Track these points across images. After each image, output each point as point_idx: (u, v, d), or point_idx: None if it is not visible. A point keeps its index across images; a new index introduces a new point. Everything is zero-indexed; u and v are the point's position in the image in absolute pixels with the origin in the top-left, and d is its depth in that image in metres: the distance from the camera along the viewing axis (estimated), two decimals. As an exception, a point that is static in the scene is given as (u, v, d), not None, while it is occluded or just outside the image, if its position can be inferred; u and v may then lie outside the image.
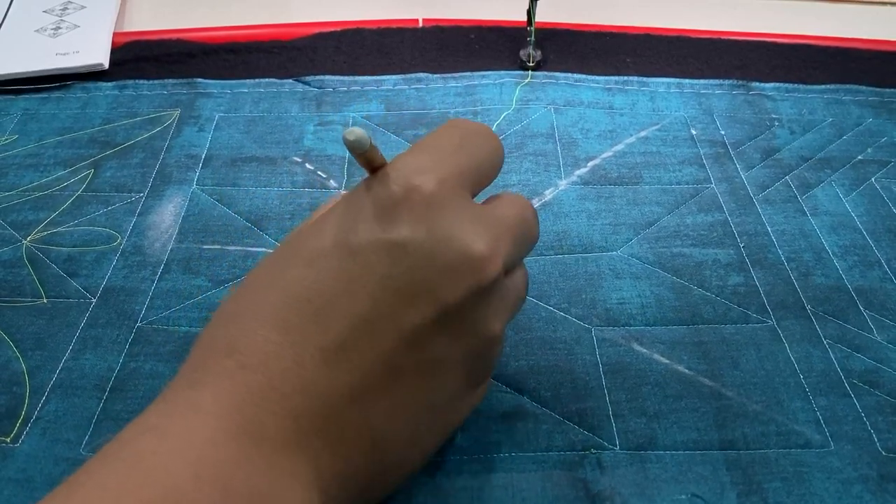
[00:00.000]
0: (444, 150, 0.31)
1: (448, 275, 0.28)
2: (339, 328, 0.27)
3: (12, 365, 0.40)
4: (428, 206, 0.28)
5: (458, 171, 0.30)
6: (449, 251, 0.28)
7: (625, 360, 0.40)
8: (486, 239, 0.29)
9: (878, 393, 0.39)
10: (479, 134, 0.32)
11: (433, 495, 0.34)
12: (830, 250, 0.46)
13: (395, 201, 0.28)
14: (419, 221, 0.28)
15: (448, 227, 0.28)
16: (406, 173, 0.29)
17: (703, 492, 0.35)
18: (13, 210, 0.49)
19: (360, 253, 0.28)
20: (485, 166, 0.32)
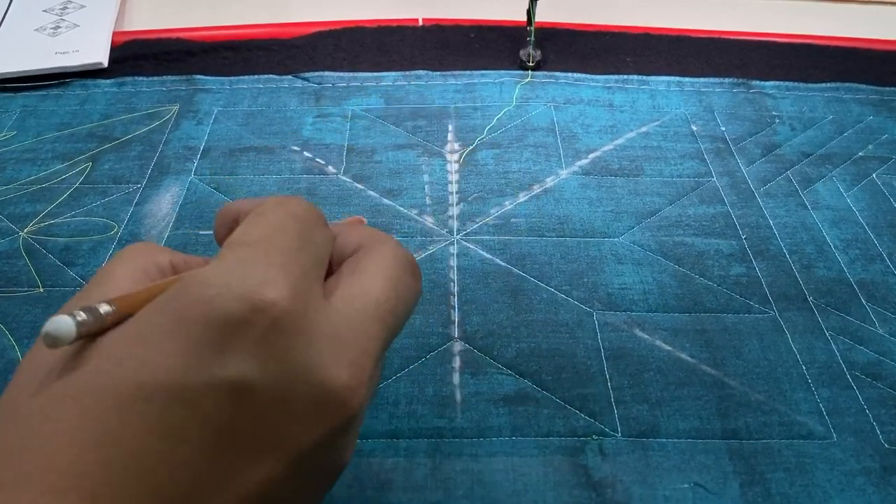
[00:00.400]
0: (285, 249, 0.23)
1: (304, 419, 0.22)
2: (164, 498, 0.20)
3: (8, 354, 0.39)
4: (281, 329, 0.21)
5: (307, 275, 0.23)
6: (307, 389, 0.22)
7: (627, 345, 0.40)
8: (348, 364, 0.22)
9: (880, 385, 0.39)
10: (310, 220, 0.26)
11: (433, 477, 0.34)
12: (832, 243, 0.46)
13: (240, 324, 0.21)
14: (270, 353, 0.21)
15: (304, 355, 0.22)
16: (250, 285, 0.21)
17: (705, 481, 0.34)
18: (10, 203, 0.48)
19: (194, 399, 0.20)
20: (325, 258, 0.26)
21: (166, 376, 0.20)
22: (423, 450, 0.35)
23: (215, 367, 0.21)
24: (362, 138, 0.53)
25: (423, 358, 0.39)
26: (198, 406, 0.21)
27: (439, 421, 0.36)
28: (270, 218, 0.25)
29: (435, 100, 0.58)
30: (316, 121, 0.55)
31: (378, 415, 0.37)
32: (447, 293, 0.42)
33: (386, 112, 0.56)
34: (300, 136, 0.54)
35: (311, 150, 0.52)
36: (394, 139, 0.53)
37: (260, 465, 0.22)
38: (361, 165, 0.51)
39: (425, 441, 0.35)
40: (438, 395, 0.37)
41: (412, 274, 0.27)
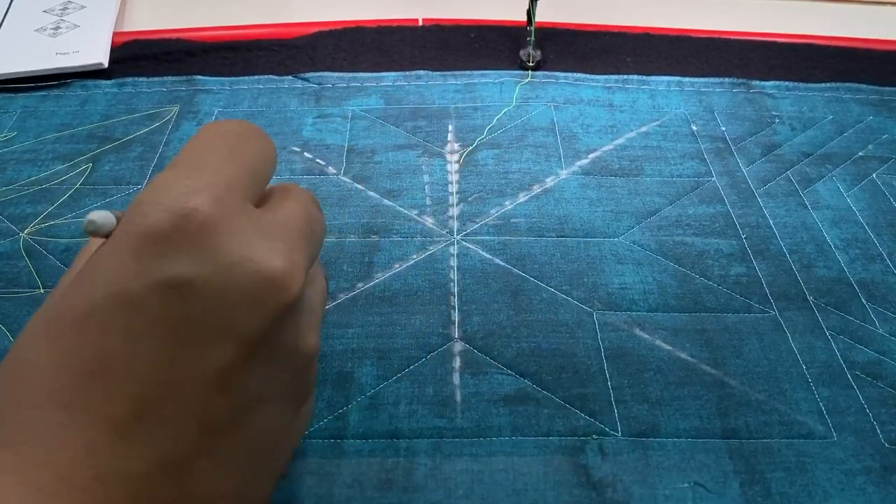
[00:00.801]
0: (211, 162, 0.26)
1: (248, 304, 0.24)
2: (132, 394, 0.23)
3: (8, 355, 0.39)
4: (208, 230, 0.23)
5: (233, 184, 0.25)
6: (244, 278, 0.24)
7: (627, 345, 0.40)
8: (281, 253, 0.25)
9: (880, 385, 0.39)
10: (244, 135, 0.28)
11: (432, 478, 0.34)
12: (832, 243, 0.46)
13: (169, 232, 0.23)
14: (202, 251, 0.23)
15: (237, 250, 0.24)
16: (174, 196, 0.24)
17: (705, 480, 0.34)
18: (11, 204, 0.48)
19: (140, 301, 0.23)
20: (260, 171, 0.28)
21: (113, 287, 0.23)
22: (423, 450, 0.35)
23: (153, 271, 0.23)
24: (362, 139, 0.54)
25: (423, 358, 0.39)
26: (145, 307, 0.23)
27: (439, 421, 0.36)
28: (198, 139, 0.27)
29: (435, 100, 0.58)
30: (316, 121, 0.55)
31: (378, 415, 0.37)
32: (447, 293, 0.42)
33: (386, 112, 0.56)
34: (300, 137, 0.54)
35: (311, 151, 0.52)
36: (394, 139, 0.53)
37: (214, 353, 0.24)
38: (362, 166, 0.51)
39: (425, 441, 0.36)
40: (439, 395, 0.37)
41: (315, 203, 0.30)
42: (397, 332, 0.40)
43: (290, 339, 0.26)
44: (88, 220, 0.24)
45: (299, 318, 0.26)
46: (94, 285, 0.23)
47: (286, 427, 0.28)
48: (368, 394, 0.38)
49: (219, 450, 0.25)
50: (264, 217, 0.26)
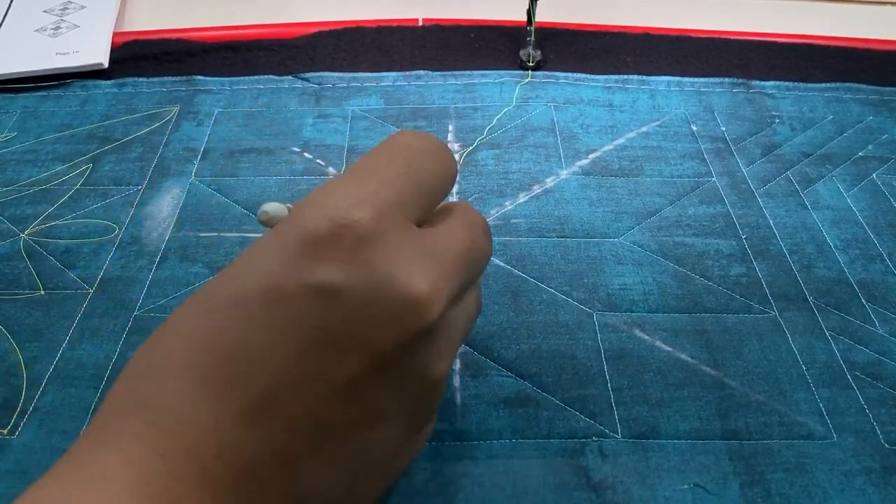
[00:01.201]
0: (385, 176, 0.27)
1: (385, 321, 0.25)
2: (263, 384, 0.24)
3: (9, 357, 0.39)
4: (364, 244, 0.25)
5: (400, 200, 0.26)
6: (387, 296, 0.25)
7: (627, 346, 0.40)
8: (429, 278, 0.25)
9: (880, 385, 0.39)
10: (428, 151, 0.29)
11: (433, 481, 0.34)
12: (832, 243, 0.46)
13: (327, 239, 0.24)
14: (354, 262, 0.24)
15: (386, 268, 0.25)
16: (339, 205, 0.25)
17: (705, 481, 0.34)
18: (11, 205, 0.48)
19: (288, 299, 0.24)
20: (435, 188, 0.29)
21: (266, 281, 0.25)
22: (423, 453, 0.35)
23: (305, 273, 0.24)
24: (363, 139, 0.53)
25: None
26: (291, 305, 0.24)
27: (440, 424, 0.36)
28: (380, 148, 0.28)
29: (435, 100, 0.58)
30: (316, 121, 0.55)
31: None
32: (447, 294, 0.42)
33: (386, 112, 0.56)
34: (301, 137, 0.54)
35: (311, 152, 0.52)
36: (394, 140, 0.53)
37: (345, 361, 0.25)
38: (362, 166, 0.51)
39: (426, 445, 0.35)
40: None
41: (486, 233, 0.31)
42: (397, 333, 0.40)
43: (421, 362, 0.26)
44: (262, 211, 0.25)
45: (433, 343, 0.27)
46: (250, 275, 0.25)
47: (401, 446, 0.28)
48: (368, 396, 0.37)
49: (331, 453, 0.26)
50: (425, 238, 0.27)
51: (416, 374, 0.26)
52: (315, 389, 0.25)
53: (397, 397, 0.26)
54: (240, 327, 0.24)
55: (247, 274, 0.25)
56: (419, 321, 0.25)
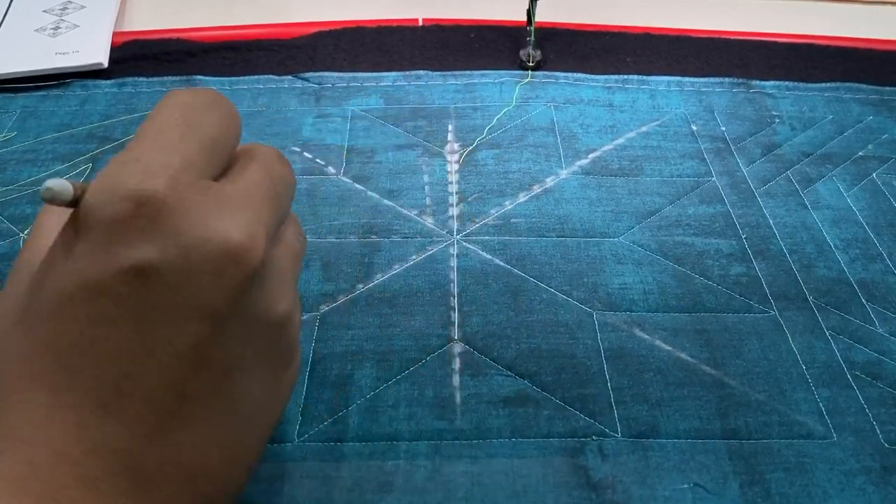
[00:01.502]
0: (168, 141, 0.26)
1: (210, 280, 0.25)
2: (112, 374, 0.24)
3: (8, 356, 0.39)
4: (166, 213, 0.24)
5: (189, 162, 0.26)
6: (205, 256, 0.24)
7: (627, 345, 0.40)
8: (239, 225, 0.25)
9: (880, 385, 0.39)
10: (204, 105, 0.28)
11: (432, 480, 0.34)
12: (832, 243, 0.46)
13: (126, 218, 0.24)
14: (162, 235, 0.24)
15: (197, 229, 0.24)
16: (130, 182, 0.24)
17: (705, 481, 0.34)
18: (11, 204, 0.48)
19: (109, 289, 0.24)
20: (219, 139, 0.28)
21: (81, 276, 0.24)
22: (423, 452, 0.35)
23: (117, 258, 0.24)
24: (362, 139, 0.53)
25: (423, 360, 0.39)
26: (114, 293, 0.24)
27: (439, 423, 0.36)
28: (155, 114, 0.27)
29: (435, 100, 0.58)
30: (316, 121, 0.55)
31: (378, 417, 0.37)
32: (447, 294, 0.42)
33: (386, 112, 0.56)
34: (300, 137, 0.54)
35: (311, 151, 0.52)
36: (394, 139, 0.53)
37: (184, 329, 0.25)
38: (361, 166, 0.51)
39: (425, 443, 0.35)
40: (438, 396, 0.37)
41: (280, 161, 0.30)
42: (397, 333, 0.40)
43: (259, 306, 0.26)
44: (45, 188, 0.24)
45: (266, 286, 0.27)
46: (63, 276, 0.24)
47: (268, 392, 0.29)
48: (368, 396, 0.37)
49: (200, 418, 0.26)
50: (223, 189, 0.26)
51: (258, 319, 0.27)
52: (163, 364, 0.24)
53: (246, 347, 0.27)
54: (70, 328, 0.24)
55: (59, 276, 0.25)
56: (243, 268, 0.25)
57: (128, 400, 0.24)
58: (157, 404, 0.24)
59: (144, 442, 0.24)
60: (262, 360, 0.28)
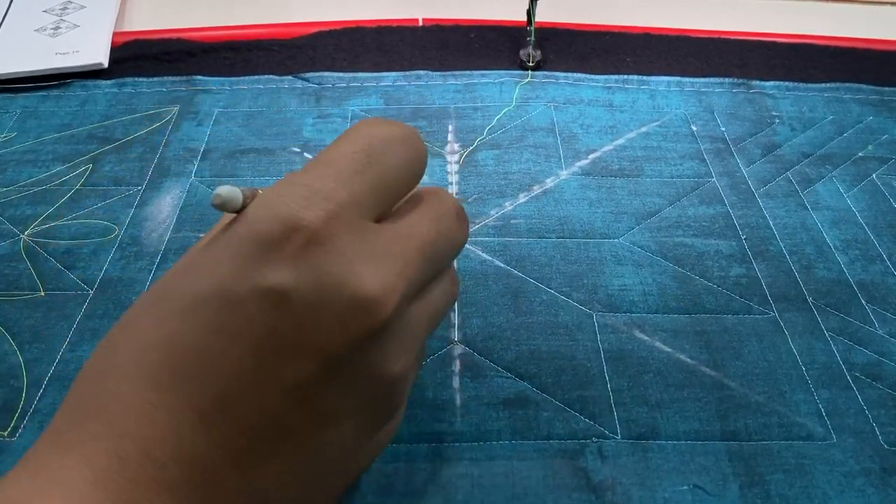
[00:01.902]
0: (342, 172, 0.26)
1: (335, 324, 0.24)
2: (218, 388, 0.24)
3: (9, 358, 0.39)
4: (314, 246, 0.24)
5: (355, 199, 0.26)
6: (336, 299, 0.24)
7: (626, 347, 0.40)
8: (379, 277, 0.25)
9: (880, 386, 0.39)
10: (392, 141, 0.28)
11: (432, 482, 0.34)
12: (832, 244, 0.46)
13: (276, 240, 0.24)
14: (304, 266, 0.24)
15: (336, 270, 0.24)
16: (290, 206, 0.25)
17: (704, 483, 0.34)
18: (11, 205, 0.48)
19: (239, 303, 0.24)
20: (399, 180, 0.28)
21: (218, 284, 0.24)
22: (423, 454, 0.35)
23: (257, 276, 0.24)
24: (363, 139, 0.53)
25: (423, 362, 0.39)
26: (244, 309, 0.24)
27: (439, 425, 0.36)
28: (342, 140, 0.27)
29: (435, 100, 0.58)
30: (316, 122, 0.55)
31: (378, 419, 0.37)
32: (447, 295, 0.42)
33: (386, 113, 0.56)
34: (300, 138, 0.54)
35: (311, 152, 0.52)
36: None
37: (297, 363, 0.24)
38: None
39: (425, 446, 0.36)
40: (438, 398, 0.37)
41: (457, 217, 0.30)
42: (398, 334, 0.40)
43: (375, 361, 0.26)
44: (215, 195, 0.24)
45: (387, 344, 0.26)
46: (202, 278, 0.25)
47: (360, 445, 0.28)
48: (368, 397, 0.38)
49: (287, 454, 0.26)
50: (381, 235, 0.26)
51: (371, 374, 0.26)
52: (268, 392, 0.25)
53: (351, 398, 0.26)
54: (193, 331, 0.24)
55: (198, 276, 0.25)
56: (370, 322, 0.25)
57: (226, 418, 0.24)
58: (253, 429, 0.25)
59: (230, 462, 0.24)
60: (363, 414, 0.27)
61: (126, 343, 0.25)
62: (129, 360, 0.25)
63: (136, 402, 0.24)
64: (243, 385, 0.24)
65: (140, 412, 0.24)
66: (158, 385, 0.24)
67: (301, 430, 0.26)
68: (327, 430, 0.26)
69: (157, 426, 0.24)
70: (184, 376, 0.24)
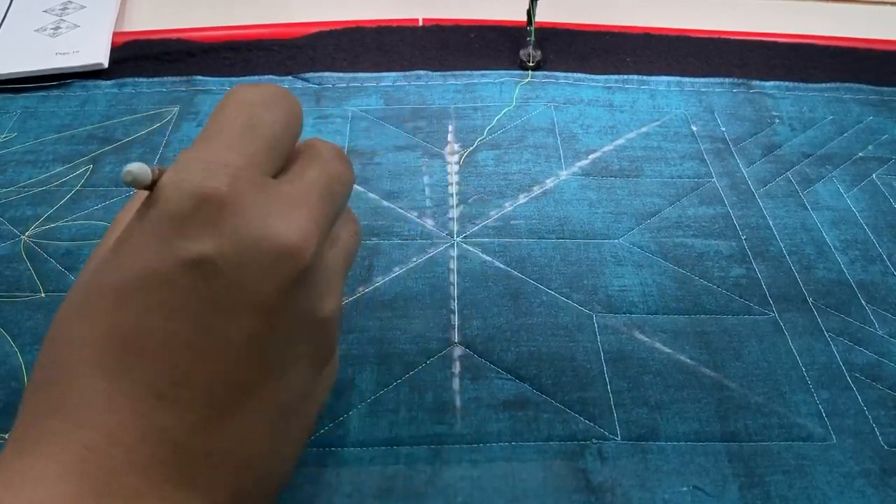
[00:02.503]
0: (229, 139, 0.27)
1: (263, 276, 0.26)
2: (168, 363, 0.25)
3: (10, 360, 0.39)
4: (226, 211, 0.25)
5: (250, 160, 0.27)
6: (258, 253, 0.25)
7: (626, 348, 0.40)
8: (293, 224, 0.26)
9: (879, 387, 0.39)
10: (265, 103, 0.29)
11: (432, 485, 0.34)
12: (832, 244, 0.46)
13: (189, 213, 0.25)
14: (221, 230, 0.25)
15: (251, 228, 0.25)
16: (194, 179, 0.25)
17: (704, 484, 0.34)
18: (11, 206, 0.48)
19: (169, 280, 0.25)
20: (282, 136, 0.29)
21: (144, 267, 0.25)
22: (423, 457, 0.35)
23: (179, 251, 0.25)
24: (362, 140, 0.53)
25: (423, 363, 0.39)
26: (175, 284, 0.25)
27: (439, 427, 0.36)
28: (219, 111, 0.29)
29: (435, 100, 0.58)
30: (316, 122, 0.55)
31: (378, 422, 0.37)
32: (447, 297, 0.43)
33: (386, 113, 0.56)
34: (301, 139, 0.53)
35: (311, 153, 0.52)
36: (394, 140, 0.53)
37: (239, 321, 0.26)
38: (362, 167, 0.51)
39: (425, 448, 0.36)
40: (438, 400, 0.38)
41: (340, 158, 0.31)
42: (397, 336, 0.40)
43: (308, 304, 0.28)
44: (126, 171, 0.25)
45: (316, 284, 0.28)
46: (127, 265, 0.26)
47: (311, 386, 0.30)
48: (369, 400, 0.38)
49: (248, 409, 0.27)
50: (282, 188, 0.27)
51: (306, 316, 0.28)
52: (217, 355, 0.26)
53: (293, 343, 0.28)
54: (131, 316, 0.25)
55: (124, 263, 0.26)
56: (295, 266, 0.26)
57: (182, 389, 0.25)
58: (210, 394, 0.26)
59: (195, 431, 0.25)
60: (308, 356, 0.29)
61: (70, 343, 0.26)
62: (77, 357, 0.25)
63: (91, 393, 0.25)
64: (192, 355, 0.25)
65: (97, 402, 0.24)
66: (110, 373, 0.25)
67: (255, 383, 0.27)
68: (279, 378, 0.27)
69: (116, 412, 0.24)
70: (133, 360, 0.25)
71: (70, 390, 0.25)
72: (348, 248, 0.32)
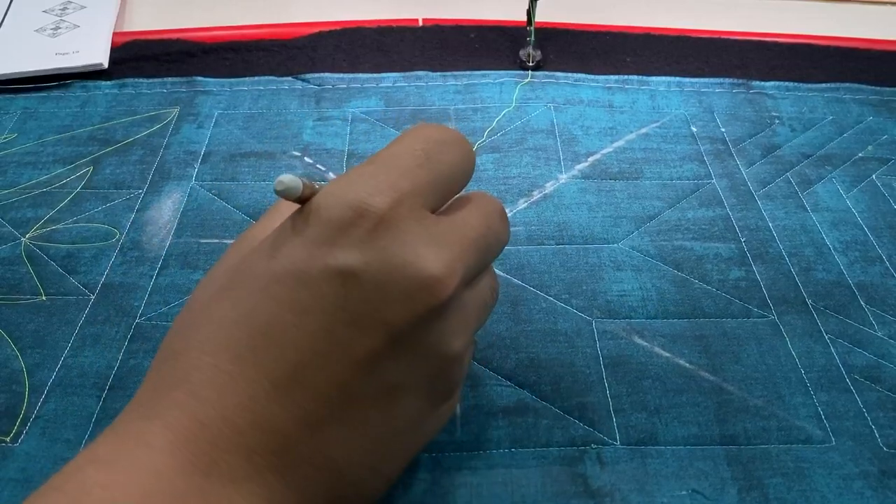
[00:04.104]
0: (403, 166, 0.28)
1: (400, 301, 0.27)
2: (292, 360, 0.26)
3: (11, 363, 0.40)
4: (381, 229, 0.27)
5: (417, 189, 0.28)
6: (401, 278, 0.26)
7: (625, 353, 0.40)
8: (441, 259, 0.27)
9: (879, 388, 0.39)
10: (446, 143, 0.30)
11: (431, 492, 0.34)
12: (832, 246, 0.46)
13: (346, 224, 0.27)
14: (371, 247, 0.26)
15: (401, 251, 0.27)
16: (359, 193, 0.27)
17: (703, 487, 0.34)
18: (12, 208, 0.48)
19: (313, 282, 0.26)
20: (452, 178, 0.30)
21: (292, 265, 0.27)
22: (422, 465, 0.35)
23: (328, 257, 0.26)
24: (362, 142, 0.53)
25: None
26: (316, 287, 0.26)
27: (439, 435, 0.36)
28: (401, 139, 0.30)
29: (435, 101, 0.58)
30: (316, 124, 0.55)
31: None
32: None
33: (386, 114, 0.56)
34: (301, 141, 0.54)
35: (311, 156, 0.52)
36: (394, 142, 0.53)
37: (365, 337, 0.27)
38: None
39: (425, 456, 0.36)
40: None
41: (501, 219, 0.32)
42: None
43: (435, 339, 0.28)
44: (278, 181, 0.26)
45: (447, 322, 0.28)
46: (276, 260, 0.27)
47: (422, 419, 0.30)
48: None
49: (356, 421, 0.28)
50: (440, 224, 0.28)
51: (431, 350, 0.28)
52: (338, 363, 0.27)
53: (414, 372, 0.28)
54: (269, 308, 0.27)
55: (273, 259, 0.27)
56: (432, 299, 0.27)
57: (299, 387, 0.26)
58: (322, 398, 0.27)
59: (303, 428, 0.27)
60: (425, 389, 0.29)
61: (204, 321, 0.28)
62: (208, 336, 0.27)
63: (215, 373, 0.26)
64: (315, 356, 0.26)
65: (220, 382, 0.26)
66: (237, 357, 0.26)
67: (368, 399, 0.28)
68: (392, 401, 0.28)
69: (235, 394, 0.26)
70: (260, 349, 0.26)
71: (197, 366, 0.27)
72: (486, 300, 0.32)
